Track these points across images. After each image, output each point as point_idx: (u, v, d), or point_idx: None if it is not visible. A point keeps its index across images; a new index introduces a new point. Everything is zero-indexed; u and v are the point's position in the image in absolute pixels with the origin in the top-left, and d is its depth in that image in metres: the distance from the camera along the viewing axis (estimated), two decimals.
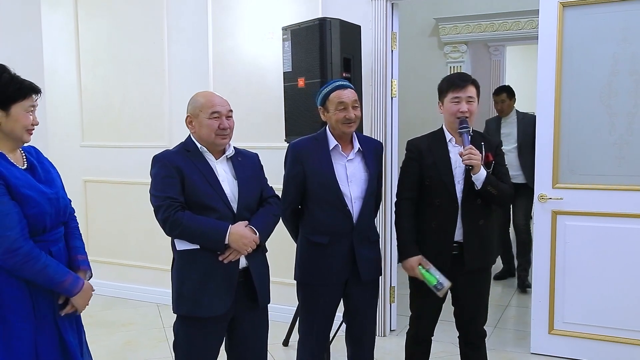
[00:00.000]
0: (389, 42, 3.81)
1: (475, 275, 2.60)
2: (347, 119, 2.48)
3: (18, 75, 1.95)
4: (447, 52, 7.83)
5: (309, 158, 2.53)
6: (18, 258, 1.85)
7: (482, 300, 2.66)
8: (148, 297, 4.73)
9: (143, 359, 3.61)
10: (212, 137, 2.25)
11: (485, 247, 2.58)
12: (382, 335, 3.90)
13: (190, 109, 2.29)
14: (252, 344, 2.38)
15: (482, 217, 2.55)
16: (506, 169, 2.63)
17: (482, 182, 2.44)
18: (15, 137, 1.94)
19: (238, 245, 2.18)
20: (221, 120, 2.25)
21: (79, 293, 2.00)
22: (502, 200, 2.56)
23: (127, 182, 4.76)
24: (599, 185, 3.38)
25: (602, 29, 3.32)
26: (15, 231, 1.84)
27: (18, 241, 1.84)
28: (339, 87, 2.53)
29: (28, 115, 1.93)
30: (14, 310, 1.90)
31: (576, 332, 3.47)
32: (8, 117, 1.90)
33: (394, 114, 3.90)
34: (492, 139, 2.66)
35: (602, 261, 3.38)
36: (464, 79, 2.54)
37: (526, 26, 7.21)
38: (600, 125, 3.36)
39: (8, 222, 1.83)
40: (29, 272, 1.88)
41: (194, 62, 4.45)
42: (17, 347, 1.90)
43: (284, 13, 4.02)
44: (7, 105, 1.89)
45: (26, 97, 1.92)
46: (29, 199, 1.89)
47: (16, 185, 1.88)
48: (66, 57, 4.96)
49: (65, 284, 1.95)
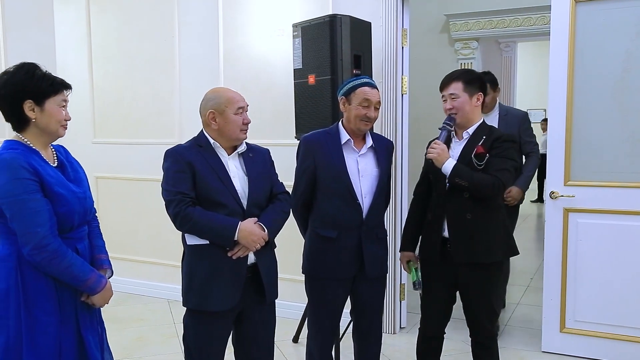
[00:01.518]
0: (399, 38, 3.80)
1: (478, 271, 2.54)
2: (367, 117, 2.49)
3: (49, 72, 1.99)
4: (458, 48, 7.79)
5: (320, 151, 2.54)
6: (45, 255, 1.87)
7: (485, 298, 2.58)
8: (158, 293, 4.75)
9: (153, 354, 3.63)
10: (237, 133, 2.28)
11: (475, 241, 2.51)
12: (392, 332, 3.90)
13: (213, 105, 2.28)
14: (260, 338, 2.40)
15: (469, 211, 2.51)
16: (502, 161, 2.49)
17: (448, 175, 2.44)
18: (50, 131, 1.98)
19: (247, 241, 2.19)
20: (244, 115, 2.29)
21: (100, 292, 2.03)
22: (477, 192, 2.46)
23: (138, 179, 4.78)
24: (611, 183, 3.35)
25: (615, 24, 3.28)
26: (45, 228, 1.87)
27: (47, 238, 1.87)
28: (367, 84, 2.54)
29: (61, 110, 1.98)
30: (40, 305, 1.93)
31: (588, 331, 3.45)
32: (43, 113, 1.94)
33: (405, 111, 3.89)
34: (500, 132, 2.61)
35: (614, 259, 3.35)
36: (448, 77, 2.59)
37: (538, 22, 7.17)
38: (612, 122, 3.33)
39: (39, 219, 1.86)
40: (55, 269, 1.91)
41: (204, 58, 4.46)
42: (42, 342, 1.92)
43: (294, 10, 4.02)
44: (41, 100, 1.93)
45: (58, 93, 1.97)
46: (60, 197, 1.93)
47: (49, 183, 1.91)
48: (78, 54, 4.99)
49: (89, 282, 1.98)
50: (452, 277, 2.58)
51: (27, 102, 1.91)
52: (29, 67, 1.96)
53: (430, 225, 2.63)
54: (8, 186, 1.85)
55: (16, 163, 1.85)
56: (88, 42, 4.94)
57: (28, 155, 1.91)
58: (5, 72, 1.95)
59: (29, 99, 1.91)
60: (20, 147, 1.94)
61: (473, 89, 2.55)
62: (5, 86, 1.92)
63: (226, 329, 2.34)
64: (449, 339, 2.85)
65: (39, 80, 1.93)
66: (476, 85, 2.56)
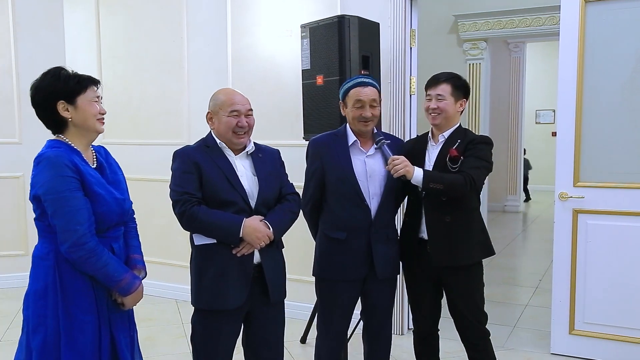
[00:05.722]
0: (407, 39, 3.79)
1: (460, 274, 2.57)
2: (362, 117, 2.48)
3: (75, 72, 2.04)
4: (466, 49, 7.77)
5: (327, 153, 2.54)
6: (82, 253, 1.91)
7: (470, 298, 2.60)
8: (167, 293, 4.77)
9: (162, 354, 3.65)
10: (229, 135, 2.28)
11: (455, 244, 2.53)
12: (399, 333, 3.89)
13: (211, 106, 2.33)
14: (268, 338, 2.41)
15: (447, 213, 2.52)
16: (474, 160, 2.50)
17: (421, 184, 2.42)
18: (88, 127, 2.02)
19: (251, 238, 2.20)
20: (239, 119, 2.28)
21: (133, 294, 2.06)
22: (452, 192, 2.46)
23: (146, 179, 4.80)
24: (621, 184, 3.33)
25: (625, 24, 3.26)
26: (84, 227, 1.91)
27: (85, 236, 1.91)
28: (360, 84, 2.52)
29: (94, 105, 2.02)
30: (77, 303, 1.95)
31: (597, 333, 3.42)
32: (77, 110, 1.99)
33: (413, 112, 3.88)
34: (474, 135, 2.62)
35: (624, 261, 3.33)
36: (436, 78, 2.61)
37: (547, 22, 7.14)
38: (622, 123, 3.31)
39: (79, 217, 1.90)
40: (91, 267, 1.94)
41: (212, 59, 4.47)
42: (80, 340, 1.95)
43: (302, 11, 4.02)
44: (72, 99, 1.98)
45: (88, 89, 2.01)
46: (99, 197, 1.97)
47: (90, 183, 1.96)
48: (87, 55, 5.01)
49: (123, 282, 2.01)
50: (434, 274, 2.61)
51: (60, 103, 1.97)
52: (54, 71, 2.01)
53: (408, 226, 2.69)
54: (52, 183, 1.89)
55: (60, 161, 1.90)
56: (97, 43, 4.96)
57: (70, 154, 1.96)
58: (34, 81, 2.02)
59: (61, 99, 1.97)
60: (63, 146, 1.99)
61: (459, 94, 2.59)
62: (37, 93, 1.99)
63: (234, 328, 2.35)
64: (450, 339, 2.85)
65: (65, 80, 1.98)
66: (462, 91, 2.61)
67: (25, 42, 5.09)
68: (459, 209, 2.54)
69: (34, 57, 5.05)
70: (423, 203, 2.57)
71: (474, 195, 2.60)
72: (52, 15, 5.11)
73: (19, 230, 5.12)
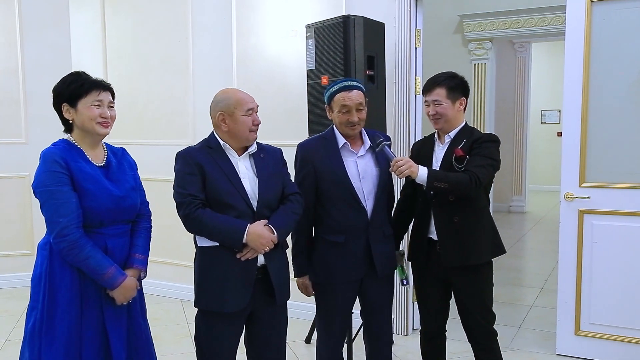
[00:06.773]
0: (412, 39, 3.79)
1: (469, 274, 2.56)
2: (349, 122, 2.46)
3: (89, 76, 2.17)
4: (472, 49, 7.76)
5: (318, 157, 2.51)
6: (65, 244, 2.02)
7: (478, 299, 2.60)
8: (172, 293, 4.78)
9: (167, 353, 3.65)
10: (247, 134, 2.29)
11: (465, 244, 2.53)
12: (404, 334, 3.89)
13: (223, 107, 2.29)
14: (271, 339, 2.41)
15: (456, 213, 2.52)
16: (480, 159, 2.49)
17: (425, 182, 2.41)
18: (87, 129, 2.14)
19: (256, 244, 2.20)
20: (254, 116, 2.30)
21: (118, 288, 2.11)
22: (458, 191, 2.46)
23: (151, 179, 4.79)
24: (627, 184, 3.31)
25: (631, 24, 3.25)
26: (68, 219, 2.01)
27: (68, 229, 2.02)
28: (344, 88, 2.48)
29: (93, 109, 2.13)
30: (62, 293, 2.06)
31: (603, 334, 3.41)
32: (77, 113, 2.13)
33: (418, 112, 3.88)
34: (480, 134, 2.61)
35: (630, 261, 3.31)
36: (431, 82, 2.60)
37: (553, 22, 7.11)
38: (628, 123, 3.29)
39: (62, 210, 2.02)
40: (74, 259, 2.04)
41: (217, 59, 4.48)
42: (59, 329, 2.04)
43: (307, 11, 4.02)
44: (74, 102, 2.12)
45: (89, 93, 2.13)
46: (87, 192, 2.07)
47: (79, 179, 2.07)
48: (93, 55, 5.02)
49: (105, 277, 2.08)
50: (443, 274, 2.61)
51: (64, 105, 2.13)
52: (67, 75, 2.17)
53: (415, 229, 2.70)
54: (42, 177, 2.04)
55: (50, 157, 2.05)
56: (103, 43, 4.98)
57: (67, 151, 2.10)
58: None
59: (64, 102, 2.13)
60: (64, 144, 2.14)
61: (456, 94, 2.58)
62: (53, 96, 2.17)
63: (237, 329, 2.35)
64: (455, 340, 2.84)
65: (70, 84, 2.13)
66: (459, 90, 2.59)
67: (31, 42, 5.11)
68: (467, 208, 2.53)
69: (39, 58, 5.08)
70: (431, 203, 2.57)
71: (482, 193, 2.59)
72: (58, 16, 5.12)
73: (25, 230, 5.14)
